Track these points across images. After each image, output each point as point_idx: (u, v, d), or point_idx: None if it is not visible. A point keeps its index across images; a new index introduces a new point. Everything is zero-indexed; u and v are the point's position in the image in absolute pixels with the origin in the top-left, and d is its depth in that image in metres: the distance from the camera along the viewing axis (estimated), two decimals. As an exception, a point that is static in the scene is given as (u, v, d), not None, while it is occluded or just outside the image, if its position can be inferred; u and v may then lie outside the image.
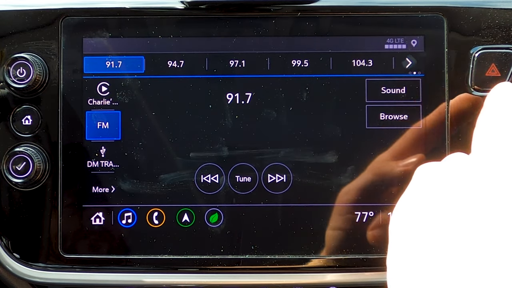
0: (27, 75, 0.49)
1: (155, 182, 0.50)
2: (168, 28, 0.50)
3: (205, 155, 0.50)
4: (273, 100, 0.50)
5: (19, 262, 0.50)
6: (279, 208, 0.50)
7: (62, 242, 0.50)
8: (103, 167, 0.50)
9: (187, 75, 0.50)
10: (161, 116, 0.50)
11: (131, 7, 0.50)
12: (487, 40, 0.50)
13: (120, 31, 0.50)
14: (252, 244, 0.50)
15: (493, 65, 0.50)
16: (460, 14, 0.50)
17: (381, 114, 0.50)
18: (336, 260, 0.50)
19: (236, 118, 0.50)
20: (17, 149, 0.49)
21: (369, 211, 0.50)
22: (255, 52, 0.50)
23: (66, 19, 0.50)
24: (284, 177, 0.50)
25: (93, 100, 0.50)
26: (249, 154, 0.50)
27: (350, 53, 0.50)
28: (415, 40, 0.50)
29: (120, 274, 0.50)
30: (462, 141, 0.50)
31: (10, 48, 0.50)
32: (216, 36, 0.50)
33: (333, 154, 0.50)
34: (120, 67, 0.50)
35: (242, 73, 0.50)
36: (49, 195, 0.50)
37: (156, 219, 0.50)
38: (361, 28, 0.50)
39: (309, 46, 0.50)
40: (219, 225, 0.50)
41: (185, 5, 0.50)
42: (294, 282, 0.51)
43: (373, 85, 0.50)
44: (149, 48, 0.50)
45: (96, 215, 0.50)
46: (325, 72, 0.50)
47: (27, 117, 0.50)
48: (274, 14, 0.50)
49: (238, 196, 0.50)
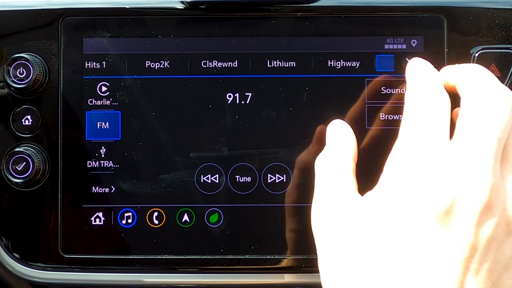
0: (27, 75, 0.49)
1: (155, 182, 0.50)
2: (168, 28, 0.50)
3: (205, 155, 0.50)
4: (273, 100, 0.50)
5: (19, 262, 0.50)
6: (279, 208, 0.50)
7: (62, 242, 0.50)
8: (103, 167, 0.50)
9: (187, 75, 0.50)
10: (161, 116, 0.50)
11: (131, 7, 0.50)
12: (487, 40, 0.50)
13: (120, 31, 0.50)
14: (252, 244, 0.50)
15: (493, 65, 0.50)
16: (460, 14, 0.50)
17: (381, 114, 0.50)
18: (336, 260, 0.50)
19: (236, 118, 0.50)
20: (17, 149, 0.49)
21: (369, 211, 0.50)
22: (255, 52, 0.50)
23: (66, 19, 0.50)
24: (284, 177, 0.50)
25: (93, 100, 0.50)
26: (249, 154, 0.50)
27: (350, 53, 0.50)
28: (415, 40, 0.50)
29: (120, 274, 0.50)
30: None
31: (10, 48, 0.50)
32: (216, 36, 0.50)
33: (333, 154, 0.50)
34: (120, 67, 0.50)
35: (242, 73, 0.50)
36: (49, 195, 0.50)
37: (156, 219, 0.50)
38: (361, 28, 0.50)
39: (309, 46, 0.50)
40: (219, 225, 0.50)
41: (185, 5, 0.50)
42: (294, 282, 0.51)
43: (373, 85, 0.50)
44: (149, 48, 0.50)
45: (96, 215, 0.50)
46: (325, 72, 0.50)
47: (27, 117, 0.50)
48: (274, 14, 0.50)
49: (238, 196, 0.50)
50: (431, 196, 0.35)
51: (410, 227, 0.35)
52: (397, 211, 0.36)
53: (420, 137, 0.37)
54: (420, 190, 0.36)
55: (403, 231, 0.35)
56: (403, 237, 0.35)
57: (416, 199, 0.35)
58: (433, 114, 0.38)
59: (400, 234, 0.35)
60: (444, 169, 0.35)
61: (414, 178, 0.36)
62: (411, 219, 0.35)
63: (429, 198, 0.35)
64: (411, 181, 0.36)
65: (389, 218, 0.36)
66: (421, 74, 0.42)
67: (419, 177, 0.36)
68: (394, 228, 0.36)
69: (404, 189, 0.36)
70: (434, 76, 0.41)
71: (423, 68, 0.42)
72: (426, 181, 0.36)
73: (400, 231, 0.35)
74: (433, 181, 0.35)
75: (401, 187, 0.37)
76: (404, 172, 0.37)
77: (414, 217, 0.35)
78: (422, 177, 0.36)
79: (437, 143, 0.37)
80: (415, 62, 0.43)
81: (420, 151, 0.37)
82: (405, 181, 0.37)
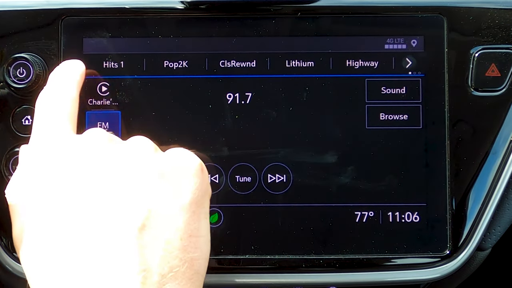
0: (27, 75, 0.49)
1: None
2: (168, 28, 0.50)
3: (205, 155, 0.50)
4: (273, 100, 0.50)
5: (19, 262, 0.50)
6: (279, 208, 0.50)
7: (62, 242, 0.50)
8: (103, 167, 0.50)
9: (187, 75, 0.50)
10: (161, 116, 0.50)
11: (131, 7, 0.50)
12: (487, 40, 0.50)
13: (120, 31, 0.50)
14: (252, 244, 0.50)
15: (493, 65, 0.50)
16: (460, 14, 0.50)
17: (381, 114, 0.50)
18: (336, 260, 0.50)
19: (236, 118, 0.50)
20: (17, 149, 0.49)
21: (369, 211, 0.50)
22: (255, 52, 0.50)
23: (66, 19, 0.50)
24: (284, 177, 0.50)
25: (93, 100, 0.50)
26: (249, 154, 0.50)
27: (350, 53, 0.50)
28: (415, 40, 0.50)
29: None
30: (462, 141, 0.50)
31: (10, 48, 0.50)
32: (216, 36, 0.50)
33: (333, 154, 0.50)
34: (120, 67, 0.50)
35: (242, 73, 0.50)
36: (49, 195, 0.50)
37: (156, 219, 0.50)
38: (361, 28, 0.50)
39: (309, 46, 0.50)
40: (219, 225, 0.50)
41: (185, 5, 0.50)
42: (294, 282, 0.51)
43: (373, 85, 0.50)
44: (149, 48, 0.50)
45: (96, 215, 0.50)
46: (325, 72, 0.50)
47: (27, 117, 0.50)
48: (274, 14, 0.50)
49: (238, 196, 0.50)
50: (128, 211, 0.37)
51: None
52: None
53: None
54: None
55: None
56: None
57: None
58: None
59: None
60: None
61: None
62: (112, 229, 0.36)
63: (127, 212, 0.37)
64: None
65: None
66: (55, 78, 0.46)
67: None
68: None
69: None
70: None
71: (59, 71, 0.47)
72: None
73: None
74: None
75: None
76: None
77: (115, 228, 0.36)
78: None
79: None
80: (57, 67, 0.47)
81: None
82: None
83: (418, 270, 0.50)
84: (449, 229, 0.50)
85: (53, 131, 0.42)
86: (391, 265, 0.50)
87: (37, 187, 0.38)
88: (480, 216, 0.50)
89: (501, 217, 0.52)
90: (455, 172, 0.50)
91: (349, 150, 0.50)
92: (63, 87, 0.45)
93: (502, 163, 0.50)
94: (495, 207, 0.50)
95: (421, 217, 0.50)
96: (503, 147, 0.50)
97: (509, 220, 0.53)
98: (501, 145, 0.50)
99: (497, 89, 0.50)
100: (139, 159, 0.39)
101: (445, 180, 0.50)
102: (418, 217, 0.50)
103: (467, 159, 0.50)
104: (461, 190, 0.50)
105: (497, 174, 0.50)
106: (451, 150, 0.50)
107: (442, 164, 0.50)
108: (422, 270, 0.50)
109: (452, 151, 0.50)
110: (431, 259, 0.50)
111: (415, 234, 0.50)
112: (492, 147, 0.50)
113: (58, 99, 0.44)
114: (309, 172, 0.50)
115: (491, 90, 0.50)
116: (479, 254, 0.55)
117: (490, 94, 0.50)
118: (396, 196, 0.50)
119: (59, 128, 0.42)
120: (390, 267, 0.50)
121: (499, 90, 0.50)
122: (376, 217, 0.50)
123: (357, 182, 0.50)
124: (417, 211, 0.50)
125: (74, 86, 0.46)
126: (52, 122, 0.42)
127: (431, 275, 0.50)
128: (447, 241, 0.50)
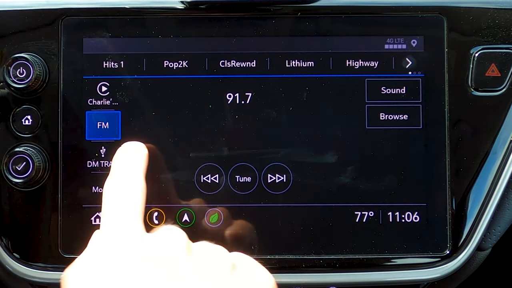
0: (27, 75, 0.49)
1: (155, 182, 0.50)
2: (168, 28, 0.50)
3: (205, 155, 0.50)
4: (273, 100, 0.50)
5: (19, 262, 0.50)
6: (279, 208, 0.50)
7: (62, 242, 0.50)
8: (103, 167, 0.50)
9: (187, 75, 0.50)
10: (161, 116, 0.50)
11: (131, 7, 0.50)
12: (487, 40, 0.50)
13: (120, 31, 0.50)
14: (252, 244, 0.50)
15: (493, 65, 0.50)
16: (460, 14, 0.50)
17: (381, 114, 0.50)
18: (336, 260, 0.50)
19: (236, 118, 0.50)
20: (17, 149, 0.49)
21: (369, 211, 0.50)
22: (255, 52, 0.50)
23: (66, 19, 0.50)
24: (284, 177, 0.50)
25: (93, 100, 0.50)
26: (249, 154, 0.50)
27: (350, 53, 0.50)
28: (415, 40, 0.50)
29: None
30: (462, 141, 0.50)
31: (10, 48, 0.50)
32: (216, 36, 0.50)
33: (333, 154, 0.50)
34: (120, 67, 0.50)
35: (242, 73, 0.50)
36: (49, 195, 0.50)
37: (156, 219, 0.50)
38: (361, 28, 0.50)
39: (309, 46, 0.50)
40: (219, 225, 0.50)
41: (185, 5, 0.50)
42: (294, 282, 0.51)
43: (373, 85, 0.50)
44: (149, 48, 0.50)
45: (96, 215, 0.50)
46: (325, 72, 0.50)
47: (27, 117, 0.50)
48: (274, 14, 0.50)
49: (238, 196, 0.50)
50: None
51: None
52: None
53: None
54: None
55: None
56: None
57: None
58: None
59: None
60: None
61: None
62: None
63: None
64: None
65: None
66: (120, 162, 0.45)
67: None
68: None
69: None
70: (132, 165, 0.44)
71: (124, 156, 0.45)
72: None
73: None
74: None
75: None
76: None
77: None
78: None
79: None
80: (120, 150, 0.46)
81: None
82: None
83: (418, 270, 0.50)
84: (449, 229, 0.50)
85: (125, 228, 0.39)
86: (391, 265, 0.50)
87: (100, 285, 0.36)
88: (480, 216, 0.50)
89: (501, 217, 0.52)
90: (455, 172, 0.50)
91: (349, 150, 0.50)
92: (131, 177, 0.43)
93: (502, 163, 0.50)
94: (495, 207, 0.50)
95: (421, 217, 0.50)
96: (503, 147, 0.50)
97: (509, 220, 0.53)
98: (501, 145, 0.50)
99: (497, 89, 0.50)
100: (214, 280, 0.37)
101: (445, 180, 0.50)
102: (418, 217, 0.50)
103: (467, 159, 0.50)
104: (461, 190, 0.50)
105: (497, 174, 0.50)
106: (451, 150, 0.50)
107: (442, 164, 0.50)
108: (422, 270, 0.50)
109: (452, 151, 0.50)
110: (431, 259, 0.50)
111: (415, 234, 0.50)
112: (492, 147, 0.50)
113: (127, 191, 0.42)
114: (309, 172, 0.50)
115: (491, 90, 0.50)
116: (479, 254, 0.55)
117: (490, 94, 0.50)
118: (396, 196, 0.50)
119: (130, 226, 0.39)
120: (390, 267, 0.50)
121: (499, 90, 0.50)
122: (376, 217, 0.50)
123: (357, 182, 0.50)
124: (417, 211, 0.50)
125: (141, 176, 0.44)
126: (123, 218, 0.40)
127: (431, 275, 0.50)
128: (447, 241, 0.50)
